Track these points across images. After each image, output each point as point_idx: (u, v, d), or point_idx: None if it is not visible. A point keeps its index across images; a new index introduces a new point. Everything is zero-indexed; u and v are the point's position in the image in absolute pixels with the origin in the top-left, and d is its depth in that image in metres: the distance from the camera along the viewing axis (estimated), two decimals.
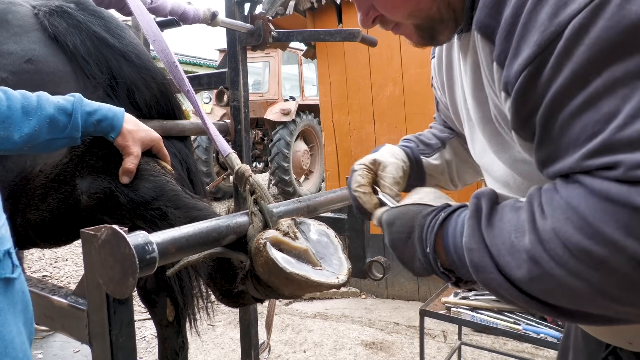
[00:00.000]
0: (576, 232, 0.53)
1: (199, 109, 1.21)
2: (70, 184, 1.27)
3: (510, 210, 0.63)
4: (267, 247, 0.90)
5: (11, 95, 1.03)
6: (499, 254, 0.61)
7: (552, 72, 0.56)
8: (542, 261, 0.56)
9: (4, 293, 0.66)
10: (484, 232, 0.64)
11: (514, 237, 0.60)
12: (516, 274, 0.59)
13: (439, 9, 0.82)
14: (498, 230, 0.63)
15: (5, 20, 1.44)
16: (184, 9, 1.70)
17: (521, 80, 0.60)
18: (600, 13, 0.52)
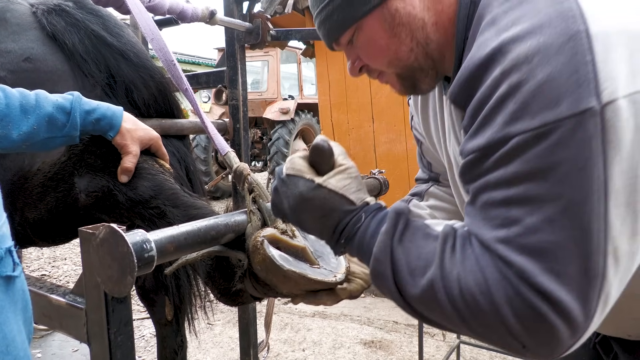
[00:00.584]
0: (474, 286, 0.66)
1: (198, 108, 1.21)
2: (68, 182, 1.27)
3: (422, 237, 0.74)
4: (265, 245, 0.90)
5: (9, 94, 1.03)
6: (401, 270, 0.73)
7: (490, 165, 0.68)
8: (437, 293, 0.69)
9: (5, 291, 0.66)
10: (394, 247, 0.74)
11: (420, 263, 0.72)
12: (410, 291, 0.72)
13: (417, 59, 0.88)
14: (407, 250, 0.74)
15: (3, 18, 1.44)
16: (183, 7, 1.70)
17: (469, 158, 0.72)
18: (540, 141, 0.63)
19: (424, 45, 0.86)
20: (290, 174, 0.83)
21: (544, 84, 0.63)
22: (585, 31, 0.63)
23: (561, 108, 0.61)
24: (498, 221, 0.67)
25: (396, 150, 4.30)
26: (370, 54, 0.91)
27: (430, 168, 1.29)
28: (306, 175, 0.82)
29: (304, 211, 0.82)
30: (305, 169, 0.83)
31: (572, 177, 0.62)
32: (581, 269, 0.62)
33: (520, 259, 0.65)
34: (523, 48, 0.65)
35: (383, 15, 0.84)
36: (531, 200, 0.64)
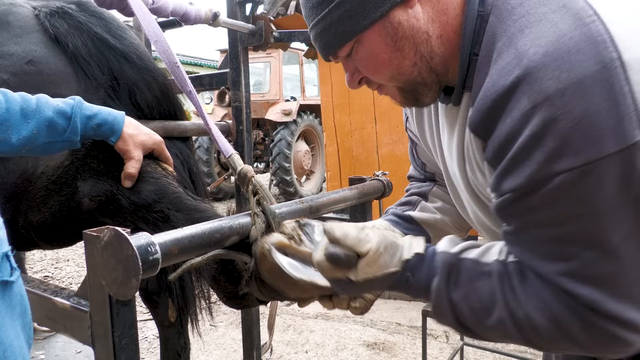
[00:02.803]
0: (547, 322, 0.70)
1: (202, 110, 1.21)
2: (71, 186, 1.27)
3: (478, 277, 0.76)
4: (273, 253, 0.89)
5: (10, 98, 1.02)
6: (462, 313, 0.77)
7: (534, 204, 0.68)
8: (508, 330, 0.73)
9: (1, 296, 0.65)
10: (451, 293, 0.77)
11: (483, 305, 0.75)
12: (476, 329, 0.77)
13: (421, 73, 0.84)
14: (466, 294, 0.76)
15: (6, 21, 1.44)
16: (186, 9, 1.70)
17: (508, 197, 0.71)
18: (587, 179, 0.62)
19: (428, 60, 0.83)
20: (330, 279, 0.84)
21: (583, 119, 0.61)
22: (619, 59, 0.60)
23: (605, 144, 0.60)
24: (554, 255, 0.69)
25: (399, 151, 4.30)
26: (371, 68, 0.86)
27: (425, 168, 1.26)
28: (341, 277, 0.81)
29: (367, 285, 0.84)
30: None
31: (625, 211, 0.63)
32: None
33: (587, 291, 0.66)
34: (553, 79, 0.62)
35: (385, 28, 0.80)
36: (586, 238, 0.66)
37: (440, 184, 1.25)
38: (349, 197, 1.34)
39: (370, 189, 1.47)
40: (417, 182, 1.29)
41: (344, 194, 1.32)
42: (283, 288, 0.90)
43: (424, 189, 1.25)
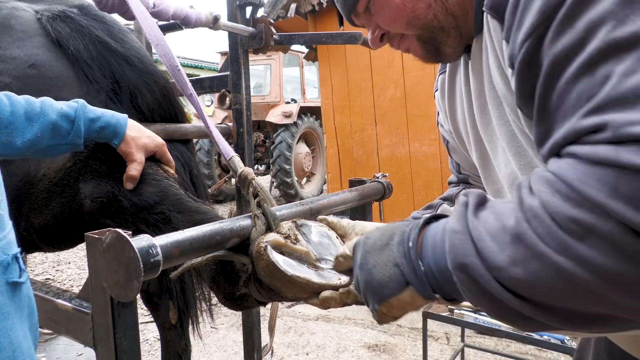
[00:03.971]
0: (563, 202, 0.49)
1: (202, 113, 1.21)
2: (73, 188, 1.27)
3: (500, 204, 0.60)
4: (268, 250, 0.90)
5: (15, 101, 1.03)
6: (481, 239, 0.56)
7: (552, 38, 0.55)
8: (526, 238, 0.52)
9: (11, 297, 0.66)
10: (469, 218, 0.60)
11: (500, 222, 0.56)
12: (497, 258, 0.54)
13: (436, 16, 0.82)
14: (484, 218, 0.59)
15: (8, 25, 1.45)
16: (187, 13, 1.70)
17: (524, 51, 0.58)
18: None
19: (444, 0, 0.81)
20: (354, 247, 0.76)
21: None
22: None
23: None
24: (583, 98, 0.52)
25: (399, 153, 4.31)
26: (387, 16, 0.85)
27: (459, 169, 1.21)
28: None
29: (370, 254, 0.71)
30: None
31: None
32: None
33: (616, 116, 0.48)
34: None
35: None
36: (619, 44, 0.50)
37: (472, 187, 1.20)
38: (349, 199, 1.34)
39: (370, 190, 1.47)
40: (453, 187, 1.24)
41: (344, 196, 1.32)
42: (279, 287, 0.91)
43: (452, 192, 1.20)
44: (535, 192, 0.53)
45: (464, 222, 0.59)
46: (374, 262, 0.70)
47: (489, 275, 0.55)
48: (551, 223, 0.50)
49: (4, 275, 0.65)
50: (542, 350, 3.12)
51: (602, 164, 0.47)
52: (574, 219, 0.48)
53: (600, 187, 0.47)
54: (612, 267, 0.47)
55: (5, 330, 0.64)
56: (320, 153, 9.99)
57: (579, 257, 0.48)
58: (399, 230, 0.70)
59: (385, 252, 0.69)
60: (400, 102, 4.22)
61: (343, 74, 4.55)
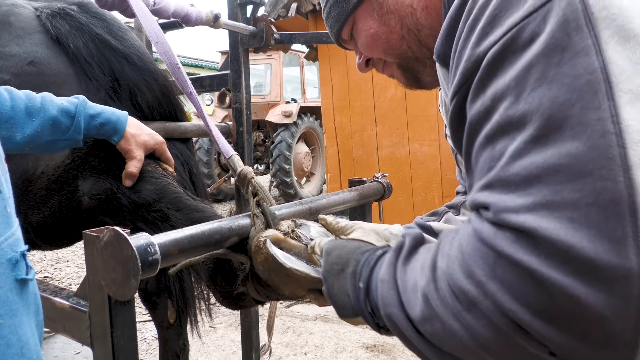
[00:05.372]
0: (458, 271, 0.52)
1: (202, 111, 1.21)
2: (72, 185, 1.27)
3: (426, 251, 0.63)
4: (267, 244, 0.89)
5: (15, 96, 1.03)
6: (404, 291, 0.61)
7: (470, 101, 0.57)
8: (431, 300, 0.55)
9: (19, 294, 0.66)
10: (398, 268, 0.64)
11: (418, 276, 0.59)
12: (412, 312, 0.58)
13: (410, 47, 0.85)
14: (410, 268, 0.62)
15: (7, 22, 1.44)
16: (187, 11, 1.70)
17: (452, 109, 0.61)
18: (511, 48, 0.52)
19: (416, 32, 0.84)
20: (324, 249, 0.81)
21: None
22: None
23: (527, 4, 0.51)
24: (485, 167, 0.54)
25: (399, 153, 4.30)
26: (365, 45, 0.90)
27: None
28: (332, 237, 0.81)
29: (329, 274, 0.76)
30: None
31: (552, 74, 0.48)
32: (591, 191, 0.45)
33: (498, 198, 0.50)
34: None
35: (371, 5, 0.85)
36: (512, 122, 0.50)
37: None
38: (348, 199, 1.34)
39: (370, 191, 1.47)
40: (460, 196, 1.24)
41: (344, 196, 1.32)
42: (277, 282, 0.90)
43: (458, 200, 1.20)
44: (445, 254, 0.56)
45: (392, 271, 0.64)
46: (332, 283, 0.75)
47: (409, 325, 0.59)
48: (448, 291, 0.53)
49: (12, 273, 0.65)
50: None
51: (484, 244, 0.50)
52: (463, 290, 0.51)
53: (482, 265, 0.50)
54: (490, 337, 0.51)
55: (14, 327, 0.64)
56: (320, 153, 9.98)
57: (466, 326, 0.52)
58: (353, 259, 0.74)
59: (340, 279, 0.74)
60: (401, 102, 4.21)
61: (343, 73, 4.54)
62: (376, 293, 0.66)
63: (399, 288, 0.61)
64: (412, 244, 0.66)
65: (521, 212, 0.48)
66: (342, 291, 0.73)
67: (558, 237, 0.45)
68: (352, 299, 0.71)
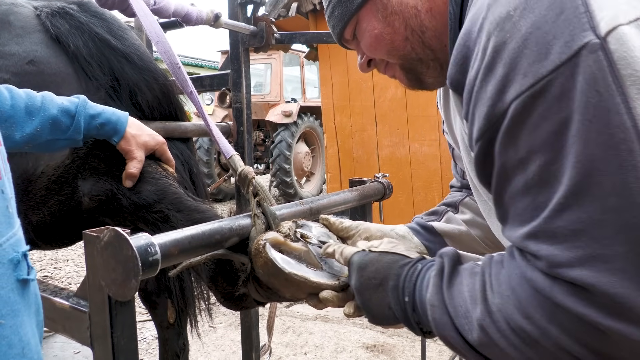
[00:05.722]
0: (515, 312, 0.58)
1: (203, 111, 1.21)
2: (72, 185, 1.27)
3: (469, 275, 0.68)
4: (267, 248, 0.89)
5: (16, 95, 1.03)
6: (457, 316, 0.66)
7: (499, 148, 0.59)
8: (489, 331, 0.61)
9: (21, 294, 0.66)
10: (445, 293, 0.68)
11: (469, 303, 0.64)
12: (469, 336, 0.64)
13: (414, 49, 0.85)
14: (457, 292, 0.67)
15: (7, 21, 1.44)
16: (187, 10, 1.70)
17: (478, 149, 0.63)
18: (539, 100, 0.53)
19: (420, 34, 0.83)
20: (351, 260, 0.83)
21: (530, 35, 0.54)
22: None
23: (552, 56, 0.52)
24: (527, 214, 0.57)
25: (399, 153, 4.30)
26: (368, 45, 0.89)
27: (463, 176, 1.21)
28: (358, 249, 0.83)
29: (366, 288, 0.79)
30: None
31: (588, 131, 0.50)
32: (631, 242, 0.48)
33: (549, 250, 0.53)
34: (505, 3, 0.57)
35: (375, 5, 0.84)
36: (554, 175, 0.53)
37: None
38: (349, 199, 1.34)
39: (370, 191, 1.46)
40: (455, 191, 1.26)
41: (344, 196, 1.32)
42: (277, 285, 0.90)
43: (456, 198, 1.21)
44: (494, 290, 0.62)
45: (440, 296, 0.68)
46: (369, 297, 0.79)
47: (467, 346, 0.65)
48: (507, 327, 0.59)
49: (14, 273, 0.65)
50: None
51: (541, 294, 0.55)
52: (523, 330, 0.57)
53: (540, 312, 0.55)
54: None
55: (15, 328, 0.63)
56: (320, 153, 9.98)
57: (528, 357, 0.58)
58: (392, 274, 0.77)
59: (379, 293, 0.77)
60: (401, 102, 4.21)
61: (344, 73, 4.54)
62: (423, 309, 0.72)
63: (450, 313, 0.66)
64: (451, 264, 0.70)
65: (575, 266, 0.51)
66: (382, 304, 0.77)
67: (613, 289, 0.49)
68: (395, 311, 0.76)
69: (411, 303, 0.73)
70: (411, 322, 0.74)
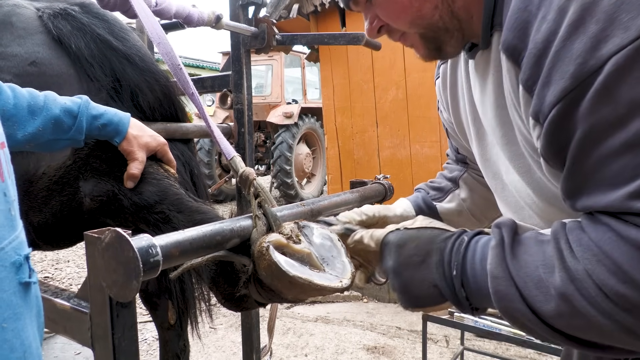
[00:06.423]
0: (610, 276, 0.54)
1: (204, 112, 1.21)
2: (73, 186, 1.27)
3: (535, 244, 0.64)
4: (270, 251, 0.89)
5: (19, 94, 1.03)
6: (525, 287, 0.62)
7: (589, 107, 0.55)
8: (573, 300, 0.57)
9: (23, 298, 0.66)
10: (509, 263, 0.64)
11: (542, 272, 0.61)
12: (543, 307, 0.60)
13: (442, 17, 0.82)
14: (524, 262, 0.63)
15: (9, 22, 1.44)
16: (189, 11, 1.70)
17: (555, 113, 0.59)
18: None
19: (450, 3, 0.80)
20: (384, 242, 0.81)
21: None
22: None
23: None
24: (625, 175, 0.54)
25: (400, 155, 4.30)
26: (392, 12, 0.84)
27: (458, 151, 1.23)
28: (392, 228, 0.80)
29: (406, 267, 0.75)
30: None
31: None
32: None
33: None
34: None
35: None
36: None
37: (472, 168, 1.22)
38: (350, 201, 1.33)
39: (371, 192, 1.46)
40: (452, 162, 1.27)
41: (345, 197, 1.32)
42: (280, 287, 0.90)
43: (455, 173, 1.22)
44: (578, 256, 0.58)
45: (504, 267, 0.64)
46: (410, 277, 0.75)
47: (536, 319, 0.62)
48: (598, 292, 0.55)
49: (16, 276, 0.65)
50: (541, 354, 3.11)
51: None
52: (620, 294, 0.54)
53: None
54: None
55: (17, 331, 0.63)
56: (321, 154, 9.98)
57: (622, 324, 0.55)
58: (435, 249, 0.74)
59: (422, 270, 0.74)
60: (402, 103, 4.21)
61: (345, 75, 4.54)
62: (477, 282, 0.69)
63: (517, 285, 0.63)
64: (511, 234, 0.67)
65: None
66: (425, 282, 0.74)
67: None
68: (442, 288, 0.72)
69: (459, 277, 0.70)
70: (459, 298, 0.71)
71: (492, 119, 0.85)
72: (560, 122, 0.59)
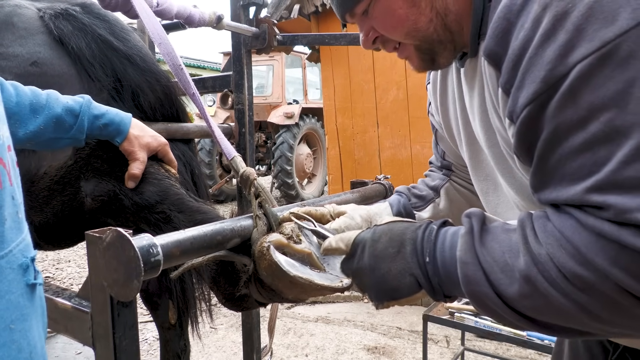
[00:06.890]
0: (569, 259, 0.59)
1: (205, 112, 1.21)
2: (74, 186, 1.27)
3: (502, 232, 0.69)
4: (271, 251, 0.89)
5: (21, 92, 1.03)
6: (492, 271, 0.66)
7: (556, 109, 0.60)
8: (536, 281, 0.62)
9: (30, 299, 0.66)
10: (477, 249, 0.68)
11: (507, 257, 0.65)
12: (507, 290, 0.65)
13: (436, 30, 0.85)
14: (491, 248, 0.68)
15: (10, 23, 1.44)
16: (190, 12, 1.70)
17: (526, 114, 0.64)
18: (606, 62, 0.56)
19: (443, 16, 0.84)
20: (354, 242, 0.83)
21: (594, 3, 0.57)
22: None
23: (620, 22, 0.55)
24: (584, 171, 0.59)
25: (401, 155, 4.30)
26: (388, 24, 0.87)
27: (444, 156, 1.26)
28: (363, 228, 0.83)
29: (382, 260, 0.78)
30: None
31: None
32: None
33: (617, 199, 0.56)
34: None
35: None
36: (619, 131, 0.56)
37: (456, 175, 1.25)
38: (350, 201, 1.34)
39: (372, 192, 1.47)
40: (435, 170, 1.30)
41: (346, 197, 1.32)
42: (281, 287, 0.90)
43: (436, 182, 1.25)
44: (541, 241, 0.63)
45: (473, 253, 0.68)
46: (387, 269, 0.77)
47: (500, 301, 0.66)
48: (558, 274, 0.60)
49: (23, 278, 0.65)
50: (542, 354, 3.11)
51: (605, 238, 0.57)
52: (578, 275, 0.59)
53: (602, 256, 0.57)
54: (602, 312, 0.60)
55: (24, 332, 0.64)
56: (322, 154, 9.98)
57: (579, 303, 0.60)
58: (408, 239, 0.78)
59: (398, 261, 0.77)
60: (403, 104, 4.21)
61: (345, 75, 4.54)
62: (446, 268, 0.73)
63: (485, 269, 0.67)
64: (480, 223, 0.71)
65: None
66: (404, 272, 0.76)
67: None
68: (417, 276, 0.75)
69: (432, 264, 0.74)
70: (432, 285, 0.74)
71: (478, 123, 0.90)
72: (530, 122, 0.64)
